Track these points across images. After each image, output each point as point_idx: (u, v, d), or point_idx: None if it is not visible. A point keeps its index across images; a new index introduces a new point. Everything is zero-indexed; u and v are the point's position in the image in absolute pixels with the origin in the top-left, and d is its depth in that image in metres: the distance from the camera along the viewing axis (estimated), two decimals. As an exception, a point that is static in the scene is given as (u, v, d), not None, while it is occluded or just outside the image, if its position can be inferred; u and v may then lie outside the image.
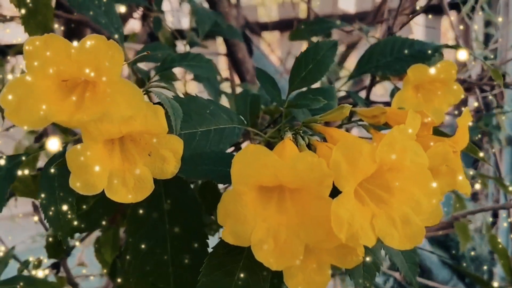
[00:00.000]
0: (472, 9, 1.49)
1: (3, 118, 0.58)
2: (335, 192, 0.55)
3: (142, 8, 1.34)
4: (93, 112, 0.52)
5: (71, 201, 0.63)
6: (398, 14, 1.01)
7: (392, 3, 1.63)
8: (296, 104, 0.75)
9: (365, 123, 0.78)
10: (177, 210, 0.72)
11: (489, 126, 1.68)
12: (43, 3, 0.86)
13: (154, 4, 1.22)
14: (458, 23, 1.89)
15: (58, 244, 1.07)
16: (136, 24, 1.99)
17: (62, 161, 0.55)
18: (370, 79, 1.09)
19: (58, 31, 1.38)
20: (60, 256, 1.11)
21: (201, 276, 0.61)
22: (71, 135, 1.06)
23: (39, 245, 1.18)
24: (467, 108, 0.74)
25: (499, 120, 1.57)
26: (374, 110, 0.75)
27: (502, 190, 1.50)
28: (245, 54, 1.53)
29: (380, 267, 0.66)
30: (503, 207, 1.09)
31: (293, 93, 0.81)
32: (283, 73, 1.81)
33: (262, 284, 0.62)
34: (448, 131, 0.83)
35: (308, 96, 0.75)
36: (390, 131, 0.56)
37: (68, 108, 0.54)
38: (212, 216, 0.93)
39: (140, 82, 1.01)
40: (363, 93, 1.15)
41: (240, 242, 0.56)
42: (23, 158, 0.66)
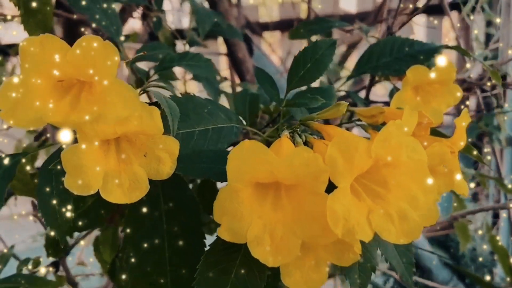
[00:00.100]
0: (473, 9, 1.49)
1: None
2: (332, 188, 0.55)
3: (142, 8, 1.34)
4: (88, 112, 0.52)
5: (68, 200, 0.63)
6: (398, 14, 1.01)
7: (392, 3, 1.62)
8: (294, 103, 0.75)
9: (363, 123, 0.78)
10: (175, 210, 0.72)
11: (489, 126, 1.67)
12: (43, 2, 0.86)
13: (154, 3, 1.22)
14: (459, 23, 1.89)
15: (57, 243, 1.07)
16: (137, 24, 1.99)
17: (58, 161, 0.55)
18: (369, 79, 1.09)
19: (58, 30, 1.38)
20: (59, 255, 1.11)
21: (197, 274, 0.61)
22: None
23: (40, 244, 1.18)
24: (465, 109, 0.74)
25: (499, 120, 1.57)
26: (372, 109, 0.75)
27: (502, 190, 1.50)
28: (245, 53, 1.53)
29: (375, 267, 0.66)
30: (502, 207, 1.09)
31: (292, 92, 0.82)
32: (283, 72, 1.81)
33: (259, 282, 0.62)
34: (448, 132, 0.83)
35: (306, 95, 0.75)
36: (386, 127, 0.56)
37: (63, 108, 0.55)
38: (211, 215, 0.93)
39: (140, 82, 1.01)
40: (364, 93, 1.15)
41: (236, 239, 0.56)
42: (21, 157, 0.66)
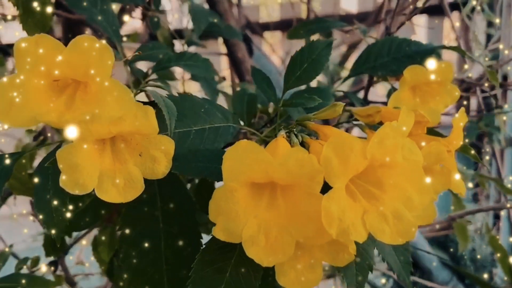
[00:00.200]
0: (472, 10, 1.49)
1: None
2: (327, 188, 0.55)
3: (141, 8, 1.34)
4: (83, 112, 0.53)
5: (65, 199, 0.63)
6: (396, 15, 1.01)
7: (393, 3, 1.63)
8: (291, 103, 0.76)
9: (361, 123, 0.78)
10: (171, 209, 0.72)
11: (489, 126, 1.67)
12: (42, 2, 0.86)
13: (152, 4, 1.23)
14: (460, 24, 1.89)
15: (56, 243, 1.07)
16: (139, 23, 1.99)
17: (54, 159, 0.55)
18: (367, 79, 1.09)
19: (58, 30, 1.38)
20: (58, 255, 1.11)
21: (192, 273, 0.61)
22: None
23: (40, 244, 1.18)
24: (462, 109, 0.74)
25: (498, 120, 1.57)
26: (369, 109, 0.76)
27: (501, 190, 1.50)
28: (244, 54, 1.53)
29: (372, 266, 0.67)
30: (500, 207, 1.09)
31: (290, 92, 0.82)
32: (283, 73, 1.81)
33: (254, 281, 0.62)
34: (448, 132, 0.82)
35: (303, 95, 0.75)
36: (381, 128, 0.56)
37: (58, 108, 0.55)
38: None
39: (138, 82, 1.01)
40: (364, 93, 1.15)
41: (231, 239, 0.56)
42: (18, 156, 0.66)
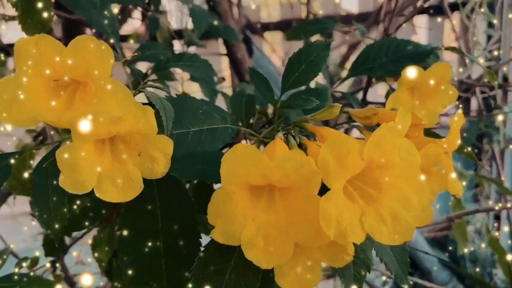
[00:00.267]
0: (472, 10, 1.49)
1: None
2: (325, 190, 0.55)
3: (141, 9, 1.35)
4: (82, 112, 0.53)
5: (63, 199, 0.64)
6: (395, 16, 1.01)
7: (393, 4, 1.62)
8: (289, 105, 0.76)
9: (359, 124, 0.78)
10: (170, 210, 0.72)
11: (489, 127, 1.67)
12: (41, 2, 0.86)
13: (152, 4, 1.23)
14: (461, 24, 1.89)
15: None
16: (140, 24, 1.99)
17: (53, 159, 0.56)
18: (366, 80, 1.09)
19: (58, 30, 1.38)
20: (57, 255, 1.11)
21: (191, 275, 0.61)
22: (67, 133, 1.06)
23: (41, 243, 1.18)
24: (459, 110, 0.74)
25: (497, 121, 1.57)
26: (366, 111, 0.76)
27: (501, 191, 1.50)
28: (244, 54, 1.53)
29: (370, 267, 0.67)
30: (498, 208, 1.09)
31: (288, 93, 0.82)
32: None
33: (253, 283, 0.62)
34: (447, 133, 0.82)
35: (301, 97, 0.76)
36: (378, 129, 0.56)
37: (58, 108, 0.55)
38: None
39: (137, 82, 1.01)
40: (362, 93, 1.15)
41: (230, 241, 0.57)
42: (16, 156, 0.66)
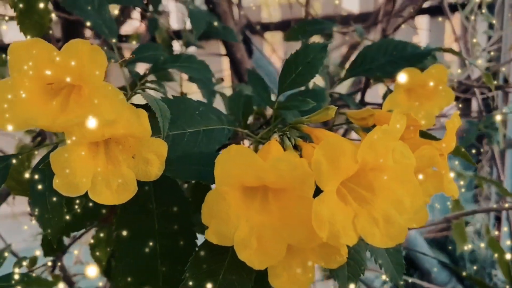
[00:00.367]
0: (471, 11, 1.49)
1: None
2: (320, 191, 0.55)
3: (140, 10, 1.35)
4: (75, 115, 0.53)
5: (60, 200, 0.64)
6: (393, 17, 1.01)
7: (391, 5, 1.62)
8: (286, 106, 0.76)
9: (356, 126, 0.79)
10: (166, 210, 0.72)
11: (488, 128, 1.67)
12: (39, 3, 0.86)
13: (151, 5, 1.23)
14: (462, 25, 1.89)
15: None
16: (140, 25, 1.99)
17: (49, 161, 0.56)
18: (364, 81, 1.09)
19: (57, 31, 1.39)
20: (55, 254, 1.12)
21: (185, 275, 0.61)
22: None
23: (40, 243, 1.18)
24: (456, 112, 0.74)
25: (496, 121, 1.57)
26: (362, 112, 0.76)
27: (500, 192, 1.50)
28: (244, 54, 1.53)
29: (364, 268, 0.67)
30: (496, 209, 1.10)
31: (286, 94, 0.82)
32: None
33: (247, 283, 0.62)
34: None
35: (297, 98, 0.76)
36: (372, 131, 0.56)
37: (52, 111, 0.55)
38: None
39: (135, 84, 1.01)
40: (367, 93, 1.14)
41: (223, 242, 0.57)
42: (14, 159, 0.66)
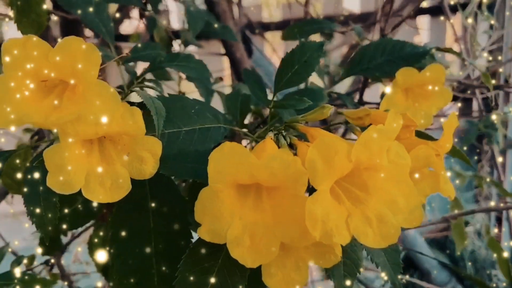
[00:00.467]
0: (471, 12, 1.49)
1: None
2: (314, 190, 0.55)
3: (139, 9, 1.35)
4: (68, 113, 0.53)
5: (54, 199, 0.64)
6: (391, 16, 1.01)
7: (395, 4, 1.62)
8: (282, 105, 0.76)
9: (354, 126, 0.78)
10: (162, 209, 0.72)
11: (488, 128, 1.67)
12: (36, 2, 0.87)
13: (150, 4, 1.23)
14: (463, 25, 1.88)
15: (52, 241, 1.08)
16: (141, 24, 1.99)
17: (42, 159, 0.56)
18: (362, 80, 1.09)
19: (56, 30, 1.39)
20: (54, 253, 1.12)
21: (178, 273, 0.61)
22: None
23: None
24: (453, 112, 0.74)
25: (496, 121, 1.57)
26: (359, 111, 0.76)
27: (499, 191, 1.49)
28: (243, 54, 1.53)
29: (360, 267, 0.67)
30: (494, 209, 1.09)
31: (283, 92, 0.82)
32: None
33: (240, 282, 0.62)
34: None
35: (294, 97, 0.76)
36: (366, 131, 0.56)
37: (46, 108, 0.55)
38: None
39: (132, 83, 1.01)
40: (366, 92, 1.14)
41: (216, 240, 0.57)
42: (8, 156, 0.66)
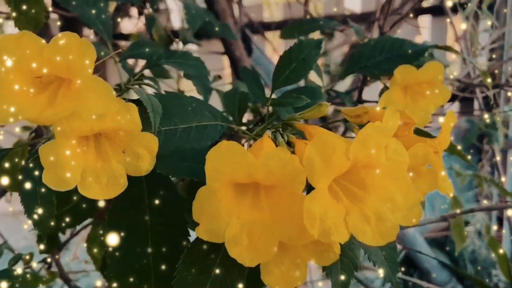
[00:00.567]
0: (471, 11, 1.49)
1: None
2: (312, 188, 0.55)
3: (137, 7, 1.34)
4: (63, 109, 0.53)
5: (50, 195, 0.64)
6: (389, 15, 1.01)
7: (395, 3, 1.62)
8: (280, 102, 0.75)
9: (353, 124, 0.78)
10: (159, 207, 0.72)
11: (489, 127, 1.66)
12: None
13: (149, 2, 1.23)
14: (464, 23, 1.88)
15: (50, 239, 1.08)
16: (141, 23, 1.99)
17: (38, 156, 0.56)
18: (361, 78, 1.09)
19: (55, 28, 1.39)
20: (52, 251, 1.11)
21: (177, 272, 0.61)
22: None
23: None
24: (451, 110, 0.74)
25: (496, 120, 1.56)
26: (357, 109, 0.76)
27: (499, 191, 1.49)
28: (242, 52, 1.52)
29: (357, 266, 0.66)
30: (493, 208, 1.09)
31: (282, 90, 0.81)
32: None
33: (239, 281, 0.62)
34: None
35: (291, 95, 0.75)
36: (364, 128, 0.55)
37: (40, 104, 0.55)
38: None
39: (129, 80, 1.01)
40: (367, 91, 1.13)
41: (214, 239, 0.56)
42: (4, 154, 0.66)
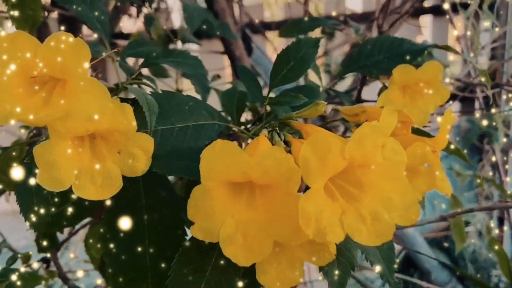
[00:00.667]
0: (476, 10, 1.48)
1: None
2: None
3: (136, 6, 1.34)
4: (58, 109, 0.53)
5: (46, 194, 0.63)
6: (388, 14, 1.00)
7: (396, 3, 1.62)
8: (277, 102, 0.75)
9: (351, 123, 0.78)
10: (155, 207, 0.72)
11: (489, 127, 1.66)
12: (32, -1, 0.86)
13: (147, 1, 1.22)
14: (464, 24, 1.88)
15: (49, 239, 1.08)
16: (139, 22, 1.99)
17: (32, 156, 0.55)
18: (360, 78, 1.08)
19: (54, 28, 1.39)
20: (50, 251, 1.11)
21: (172, 271, 0.60)
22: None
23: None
24: (449, 109, 0.74)
25: (496, 120, 1.56)
26: (355, 108, 0.76)
27: (498, 191, 1.49)
28: (242, 52, 1.52)
29: (355, 265, 0.66)
30: (493, 207, 1.09)
31: (280, 89, 0.81)
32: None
33: (235, 280, 0.62)
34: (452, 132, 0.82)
35: (289, 94, 0.75)
36: (360, 127, 0.55)
37: (35, 104, 0.55)
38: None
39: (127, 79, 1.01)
40: (367, 91, 1.13)
41: (209, 238, 0.56)
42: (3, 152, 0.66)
